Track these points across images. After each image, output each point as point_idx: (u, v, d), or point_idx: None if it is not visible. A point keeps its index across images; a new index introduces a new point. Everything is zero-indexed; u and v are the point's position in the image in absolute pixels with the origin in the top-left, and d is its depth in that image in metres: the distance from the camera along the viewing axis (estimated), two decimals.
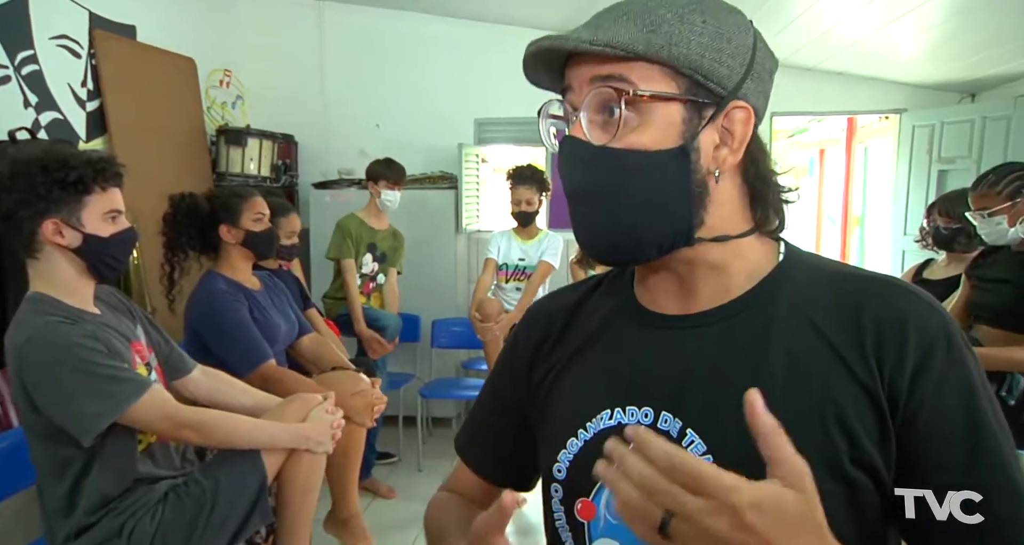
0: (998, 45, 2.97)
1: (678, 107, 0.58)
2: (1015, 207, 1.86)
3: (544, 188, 3.07)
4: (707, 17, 0.58)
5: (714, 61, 0.58)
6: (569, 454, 0.66)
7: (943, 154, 3.53)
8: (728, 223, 0.63)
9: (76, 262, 1.41)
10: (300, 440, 1.61)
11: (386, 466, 3.38)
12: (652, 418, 0.62)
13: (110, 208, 1.43)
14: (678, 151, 0.58)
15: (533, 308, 0.80)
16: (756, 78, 0.61)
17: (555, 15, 3.83)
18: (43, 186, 1.33)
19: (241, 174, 3.59)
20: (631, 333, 0.67)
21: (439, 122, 4.07)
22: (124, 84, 2.97)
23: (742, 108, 0.60)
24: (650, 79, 0.57)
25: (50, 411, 1.35)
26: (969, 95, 3.72)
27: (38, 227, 1.35)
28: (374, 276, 3.27)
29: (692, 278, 0.64)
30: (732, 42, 0.59)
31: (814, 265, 0.65)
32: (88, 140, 2.80)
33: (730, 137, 0.60)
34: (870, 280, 0.62)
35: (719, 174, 0.61)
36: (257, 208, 2.17)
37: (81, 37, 2.78)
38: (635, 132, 0.58)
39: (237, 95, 4.00)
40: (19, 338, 1.36)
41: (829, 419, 0.56)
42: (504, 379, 0.78)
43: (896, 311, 0.58)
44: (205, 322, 2.09)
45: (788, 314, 0.61)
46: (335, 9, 4.11)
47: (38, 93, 2.56)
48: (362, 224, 3.20)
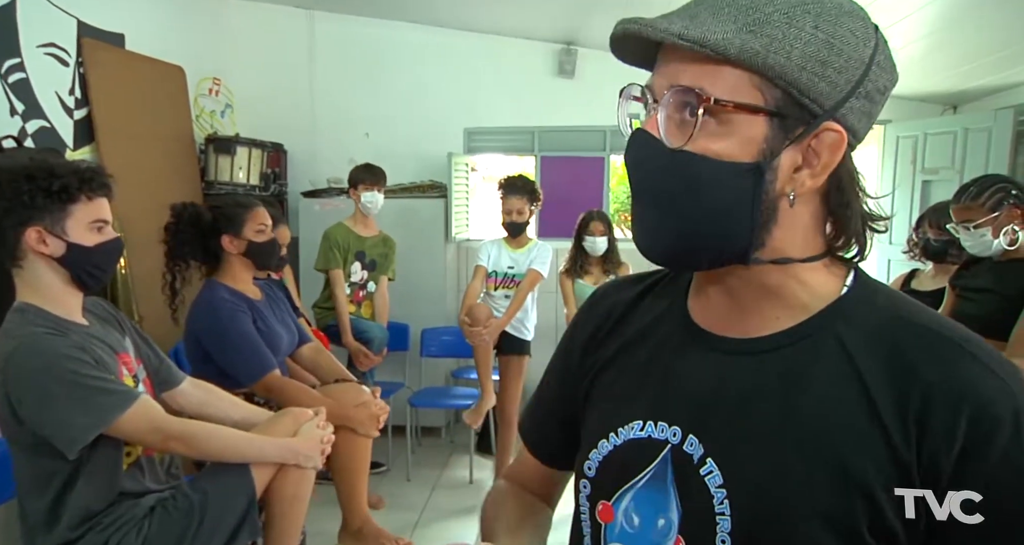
0: (980, 58, 3.03)
1: (763, 121, 0.53)
2: (998, 219, 1.89)
3: (535, 198, 3.06)
4: (820, 21, 0.51)
5: (815, 75, 0.51)
6: (599, 454, 0.66)
7: (926, 164, 3.58)
8: (793, 247, 0.58)
9: (60, 271, 1.40)
10: (289, 455, 1.60)
11: (375, 476, 3.35)
12: (680, 438, 0.60)
13: (96, 218, 1.42)
14: (752, 168, 0.53)
15: (600, 292, 0.77)
16: (863, 97, 0.54)
17: (545, 25, 3.85)
18: (27, 194, 1.33)
19: (230, 183, 3.58)
20: (675, 345, 0.65)
21: (429, 131, 4.08)
22: (112, 92, 2.96)
23: (835, 132, 0.53)
24: (738, 87, 0.52)
25: (35, 423, 1.33)
26: (951, 107, 3.78)
27: (21, 235, 1.35)
28: (364, 284, 3.25)
29: (745, 298, 0.61)
30: (843, 55, 0.52)
31: (880, 304, 0.58)
32: (75, 149, 2.78)
33: (815, 159, 0.54)
34: (940, 338, 0.54)
35: (794, 198, 0.55)
36: (260, 219, 2.18)
37: (69, 45, 2.77)
38: (712, 138, 0.53)
39: (226, 104, 3.99)
40: (6, 348, 1.34)
41: (851, 484, 0.52)
42: (560, 361, 0.78)
43: (955, 379, 0.52)
44: (208, 331, 2.08)
45: (834, 357, 0.56)
46: (325, 18, 4.12)
47: (25, 101, 2.54)
48: (349, 232, 3.19)
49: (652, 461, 0.61)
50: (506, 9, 3.73)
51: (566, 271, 3.25)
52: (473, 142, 4.13)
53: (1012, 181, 1.99)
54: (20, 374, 1.33)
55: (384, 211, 3.30)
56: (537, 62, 4.06)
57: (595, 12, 3.39)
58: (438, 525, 2.94)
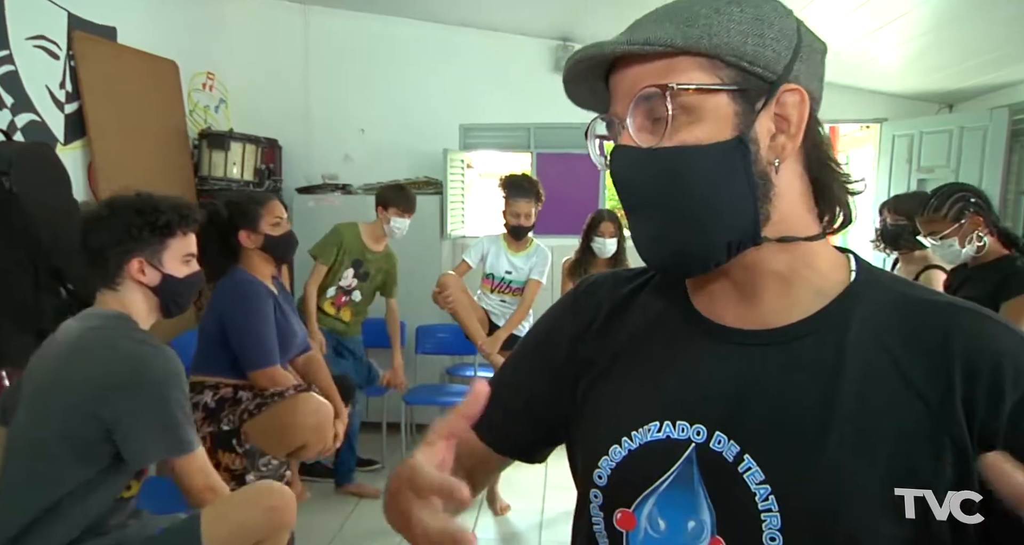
0: (975, 57, 3.03)
1: (727, 98, 0.55)
2: (962, 228, 1.98)
3: (539, 199, 2.97)
4: (744, 5, 0.56)
5: (757, 46, 0.55)
6: (611, 461, 0.63)
7: (922, 163, 3.59)
8: (794, 220, 0.59)
9: (151, 298, 1.52)
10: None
11: (370, 473, 3.34)
12: (705, 437, 0.59)
13: (187, 251, 1.56)
14: (735, 142, 0.55)
15: (586, 285, 0.74)
16: (806, 60, 0.58)
17: (542, 21, 3.84)
18: (136, 227, 1.47)
19: (224, 178, 3.55)
20: (685, 341, 0.64)
21: (424, 127, 4.06)
22: (104, 86, 2.92)
23: (794, 90, 0.57)
24: (693, 73, 0.55)
25: (122, 425, 1.36)
26: (947, 106, 3.78)
27: (124, 264, 1.48)
28: (349, 291, 3.17)
29: (754, 287, 0.61)
30: (774, 26, 0.56)
31: (890, 287, 0.60)
32: (66, 143, 2.75)
33: (786, 123, 0.57)
34: (956, 309, 0.57)
35: (779, 163, 0.58)
36: (275, 212, 2.24)
37: (59, 38, 2.73)
38: (686, 129, 0.56)
39: (220, 98, 3.96)
40: (125, 348, 1.40)
41: (899, 468, 0.52)
42: (536, 356, 0.74)
43: (989, 343, 0.54)
44: (233, 309, 2.11)
45: (863, 341, 0.56)
46: (320, 13, 4.09)
47: (14, 94, 2.51)
48: (359, 240, 3.12)
49: (674, 463, 0.59)
50: (502, 5, 3.71)
51: (570, 274, 3.13)
52: (469, 138, 4.12)
53: (971, 189, 2.08)
54: (136, 378, 1.38)
55: None
56: (533, 58, 4.04)
57: (591, 8, 3.38)
58: None
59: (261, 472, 2.07)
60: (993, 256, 2.02)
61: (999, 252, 2.03)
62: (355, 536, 2.78)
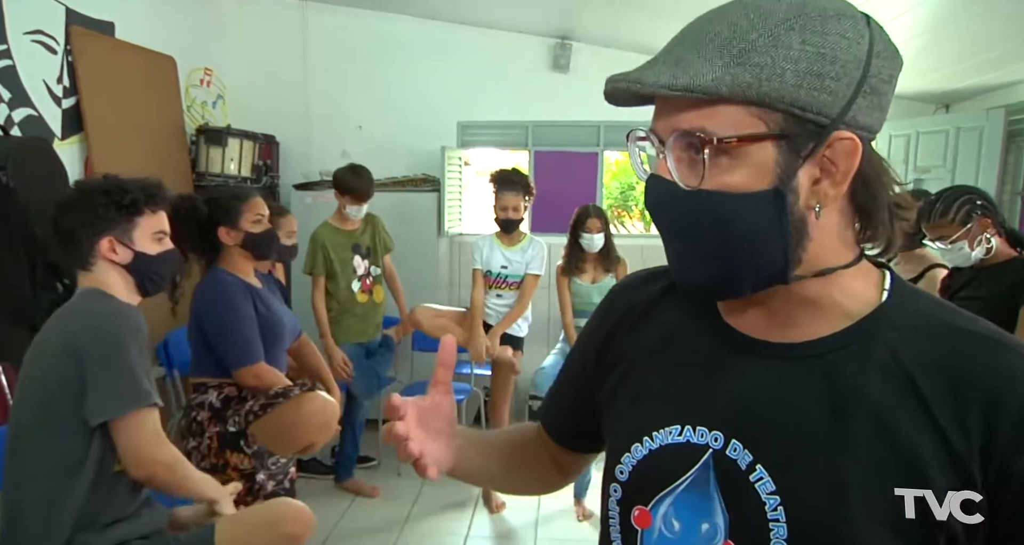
0: (972, 57, 3.04)
1: (770, 146, 0.52)
2: (970, 231, 1.98)
3: (529, 193, 2.99)
4: (807, 34, 0.51)
5: (813, 90, 0.51)
6: (633, 459, 0.64)
7: (919, 163, 3.60)
8: (829, 254, 0.58)
9: (126, 277, 1.54)
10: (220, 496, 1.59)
11: (366, 470, 3.35)
12: (721, 443, 0.59)
13: (157, 229, 1.58)
14: (772, 193, 0.53)
15: (618, 288, 0.78)
16: (869, 94, 0.53)
17: (540, 19, 3.84)
18: (103, 207, 1.49)
19: (221, 174, 3.55)
20: (710, 347, 0.64)
21: (422, 124, 4.06)
22: (102, 81, 2.92)
23: (847, 139, 0.53)
24: (738, 121, 0.52)
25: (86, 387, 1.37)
26: (943, 106, 3.80)
27: (95, 244, 1.50)
28: (369, 272, 3.21)
29: (785, 311, 0.60)
30: (837, 62, 0.51)
31: (922, 310, 0.59)
32: (64, 138, 2.75)
33: (833, 168, 0.54)
34: (986, 339, 0.55)
35: (820, 209, 0.55)
36: (256, 209, 2.18)
37: (57, 33, 2.72)
38: (725, 173, 0.53)
39: (218, 94, 3.95)
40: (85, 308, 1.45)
41: (909, 493, 0.52)
42: (579, 351, 0.79)
43: (1011, 379, 0.52)
44: (209, 311, 2.09)
45: (885, 363, 0.56)
46: (318, 9, 4.08)
47: (11, 89, 2.50)
48: (335, 231, 3.12)
49: (692, 466, 0.61)
50: (501, 3, 3.71)
51: (562, 270, 3.14)
52: (466, 136, 4.12)
53: (975, 191, 2.08)
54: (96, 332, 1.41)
55: (377, 205, 3.27)
56: (532, 56, 4.05)
57: (590, 6, 3.38)
58: (429, 519, 2.94)
59: (270, 470, 2.06)
60: (1001, 257, 2.02)
61: (1007, 253, 2.02)
62: (350, 533, 2.80)
